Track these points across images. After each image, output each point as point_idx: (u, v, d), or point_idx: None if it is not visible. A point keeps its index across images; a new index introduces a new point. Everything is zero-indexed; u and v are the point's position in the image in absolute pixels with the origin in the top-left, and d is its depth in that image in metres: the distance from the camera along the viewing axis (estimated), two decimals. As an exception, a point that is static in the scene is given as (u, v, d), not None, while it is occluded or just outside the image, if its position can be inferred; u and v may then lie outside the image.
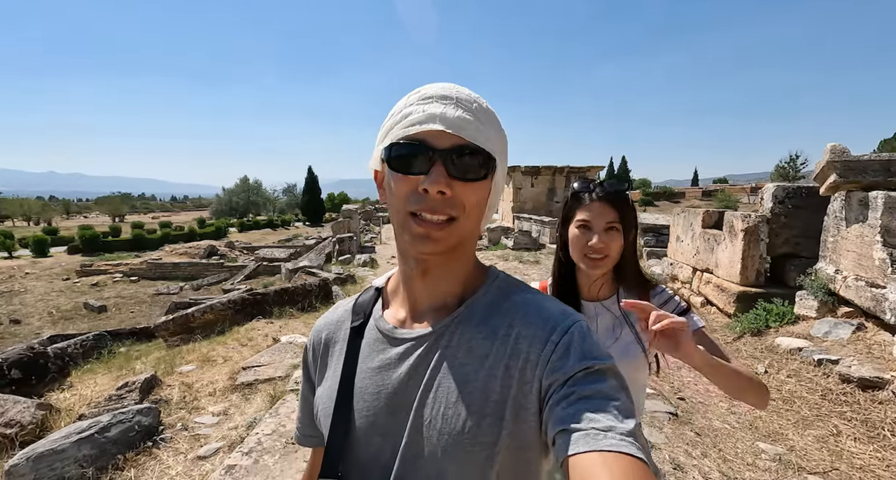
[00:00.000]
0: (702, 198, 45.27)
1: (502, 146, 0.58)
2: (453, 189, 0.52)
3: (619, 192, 1.06)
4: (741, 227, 4.90)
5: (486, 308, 0.59)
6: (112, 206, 72.55)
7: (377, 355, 0.60)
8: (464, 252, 0.60)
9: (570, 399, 0.47)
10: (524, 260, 11.16)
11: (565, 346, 0.52)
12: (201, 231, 36.86)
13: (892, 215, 3.40)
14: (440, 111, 0.52)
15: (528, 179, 19.07)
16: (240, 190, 57.54)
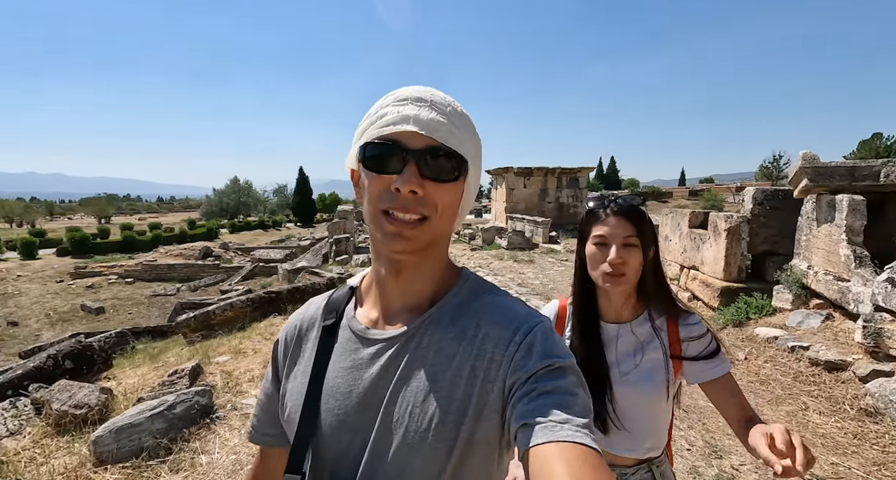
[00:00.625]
0: (689, 198, 45.97)
1: (476, 149, 0.60)
2: (425, 189, 0.54)
3: (635, 207, 1.04)
4: (724, 227, 5.29)
5: (456, 308, 0.60)
6: (98, 208, 71.32)
7: (349, 355, 0.61)
8: (436, 252, 0.61)
9: (532, 395, 0.49)
10: (519, 259, 11.49)
11: (528, 346, 0.54)
12: (192, 232, 36.62)
13: (855, 216, 3.81)
14: (414, 113, 0.53)
15: (520, 180, 19.45)
16: (230, 191, 57.17)
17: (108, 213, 68.72)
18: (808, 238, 4.45)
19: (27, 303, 14.19)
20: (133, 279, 16.99)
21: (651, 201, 46.88)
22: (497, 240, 14.73)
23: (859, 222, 3.80)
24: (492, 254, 12.58)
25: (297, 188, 52.16)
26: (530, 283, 8.35)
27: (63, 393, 2.49)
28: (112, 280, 16.78)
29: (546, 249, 13.02)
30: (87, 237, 28.82)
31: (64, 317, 12.92)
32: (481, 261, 11.51)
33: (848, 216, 3.83)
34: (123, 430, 2.09)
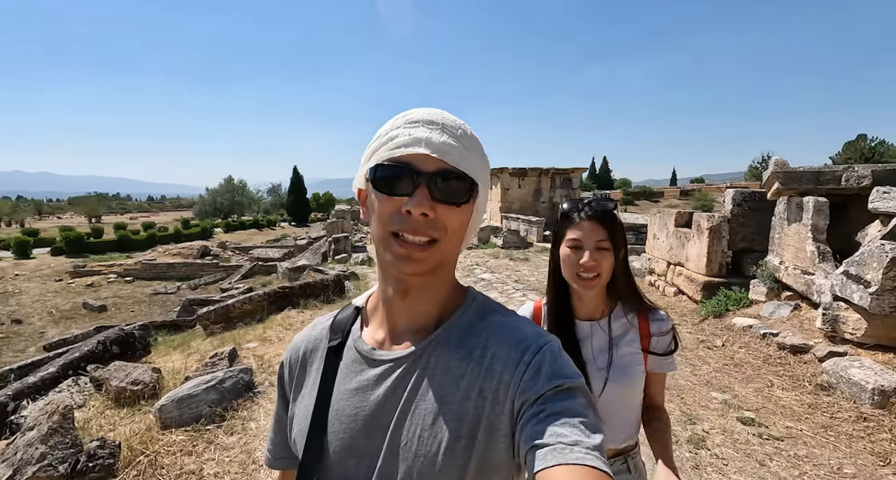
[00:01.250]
0: (680, 198, 46.43)
1: (485, 172, 0.60)
2: (436, 211, 0.54)
3: (608, 211, 1.08)
4: (706, 226, 5.72)
5: (463, 329, 0.60)
6: (88, 207, 70.53)
7: (355, 376, 0.60)
8: (444, 273, 0.61)
9: (540, 416, 0.49)
10: (514, 257, 11.88)
11: (537, 366, 0.53)
12: (187, 232, 36.61)
13: (819, 216, 4.24)
14: (426, 135, 0.54)
15: (515, 180, 19.87)
16: (224, 190, 57.05)
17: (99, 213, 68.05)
18: (780, 236, 4.88)
19: (28, 302, 14.34)
20: (132, 277, 17.16)
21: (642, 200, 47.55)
22: (492, 239, 15.11)
23: (823, 221, 4.23)
24: (488, 253, 12.94)
25: (291, 187, 52.20)
26: (526, 280, 8.75)
27: (120, 372, 2.83)
28: (111, 279, 16.93)
29: (540, 248, 13.42)
30: (82, 236, 28.78)
31: (66, 315, 13.10)
32: (478, 260, 11.86)
33: (813, 216, 4.26)
34: (183, 400, 2.44)
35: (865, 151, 35.41)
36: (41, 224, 58.99)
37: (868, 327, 3.34)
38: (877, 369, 3.06)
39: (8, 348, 10.28)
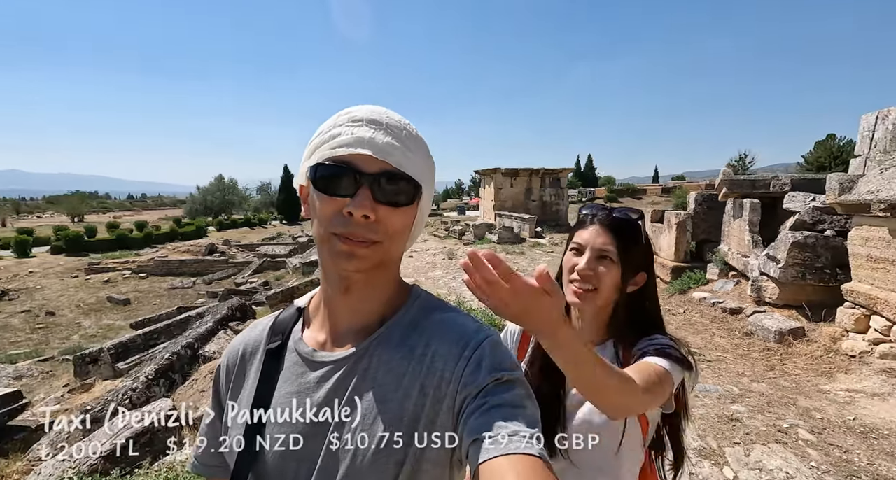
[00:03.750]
0: (661, 195, 48.18)
1: (429, 173, 0.59)
2: (378, 213, 0.53)
3: (624, 220, 0.94)
4: (675, 222, 7.10)
5: (406, 328, 0.60)
6: (70, 206, 69.48)
7: (296, 379, 0.59)
8: (386, 271, 0.61)
9: (482, 409, 0.50)
10: (510, 251, 13.19)
11: (477, 360, 0.54)
12: (182, 230, 37.04)
13: (753, 213, 5.62)
14: (369, 136, 0.53)
15: (507, 180, 21.21)
16: (215, 189, 57.19)
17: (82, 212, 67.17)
18: (728, 229, 6.28)
19: (53, 296, 15.14)
20: (146, 274, 17.99)
21: (626, 198, 49.44)
22: (487, 236, 16.40)
23: (756, 217, 5.62)
24: (485, 248, 14.23)
25: (282, 186, 52.70)
26: (525, 270, 10.07)
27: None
28: (126, 275, 17.75)
29: (533, 243, 14.79)
30: (81, 235, 29.19)
31: (94, 308, 13.98)
32: (478, 253, 13.10)
33: (749, 213, 5.64)
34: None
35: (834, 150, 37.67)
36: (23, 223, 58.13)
37: (780, 292, 4.72)
38: (780, 319, 4.44)
39: (52, 336, 11.20)
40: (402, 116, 0.58)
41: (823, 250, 4.39)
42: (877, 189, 3.33)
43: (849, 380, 3.29)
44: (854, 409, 2.90)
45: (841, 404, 2.98)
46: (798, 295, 4.58)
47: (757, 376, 3.61)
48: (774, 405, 3.01)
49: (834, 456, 2.37)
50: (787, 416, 2.83)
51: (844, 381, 3.29)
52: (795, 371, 3.64)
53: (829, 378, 3.41)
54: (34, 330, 11.68)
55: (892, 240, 3.24)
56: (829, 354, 3.75)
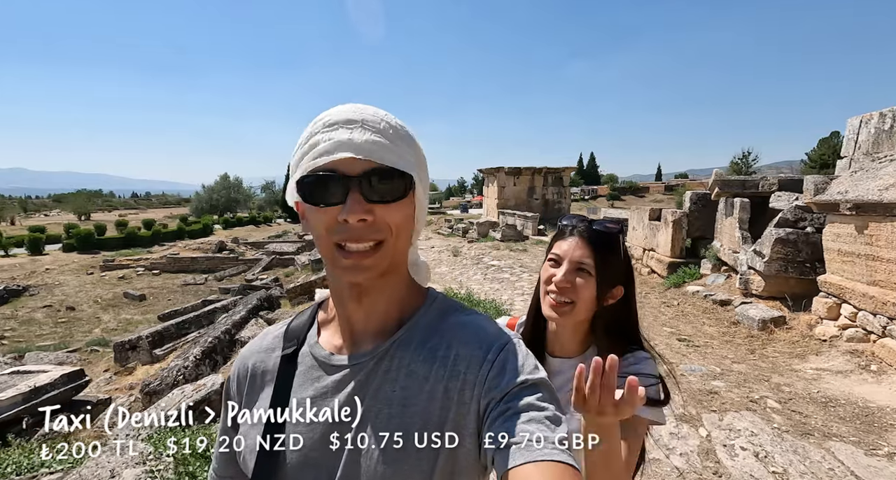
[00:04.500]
0: (664, 193, 48.25)
1: (418, 159, 0.58)
2: (374, 214, 0.52)
3: (603, 233, 0.92)
4: (671, 220, 7.48)
5: (425, 330, 0.59)
6: (76, 204, 70.14)
7: (312, 384, 0.59)
8: (397, 272, 0.60)
9: (507, 414, 0.50)
10: (514, 249, 13.59)
11: (501, 364, 0.54)
12: (189, 228, 37.60)
13: (743, 212, 6.00)
14: (347, 137, 0.51)
15: (510, 179, 21.59)
16: (220, 187, 57.79)
17: (88, 210, 67.86)
18: (720, 226, 6.66)
19: (72, 292, 15.65)
20: (159, 270, 18.51)
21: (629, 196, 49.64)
22: (491, 233, 16.79)
23: (746, 215, 6.00)
24: (489, 246, 14.62)
25: (286, 184, 53.10)
26: (528, 265, 10.47)
27: (283, 315, 4.46)
28: (140, 272, 18.27)
29: (535, 240, 15.18)
30: (92, 233, 29.76)
31: (111, 303, 14.48)
32: (481, 251, 13.54)
33: (739, 212, 6.02)
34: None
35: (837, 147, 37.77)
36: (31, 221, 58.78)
37: (765, 285, 5.11)
38: (764, 309, 4.83)
39: (75, 329, 11.69)
40: (380, 109, 0.57)
41: (804, 246, 4.78)
42: (845, 190, 3.71)
43: (818, 361, 3.68)
44: (819, 384, 3.29)
45: (808, 380, 3.38)
46: (781, 287, 4.97)
47: (738, 358, 4.01)
48: (750, 381, 3.41)
49: (794, 420, 2.78)
50: (760, 390, 3.23)
51: (814, 362, 3.69)
52: (773, 354, 4.03)
53: (802, 359, 3.80)
54: (57, 324, 12.19)
55: (858, 235, 3.63)
56: (804, 339, 4.14)
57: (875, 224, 3.42)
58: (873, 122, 5.50)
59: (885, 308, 3.31)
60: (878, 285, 3.45)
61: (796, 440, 2.53)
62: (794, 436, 2.58)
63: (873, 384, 3.19)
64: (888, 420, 2.73)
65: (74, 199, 71.06)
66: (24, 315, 12.99)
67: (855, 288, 3.68)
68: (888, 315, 3.30)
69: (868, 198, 3.38)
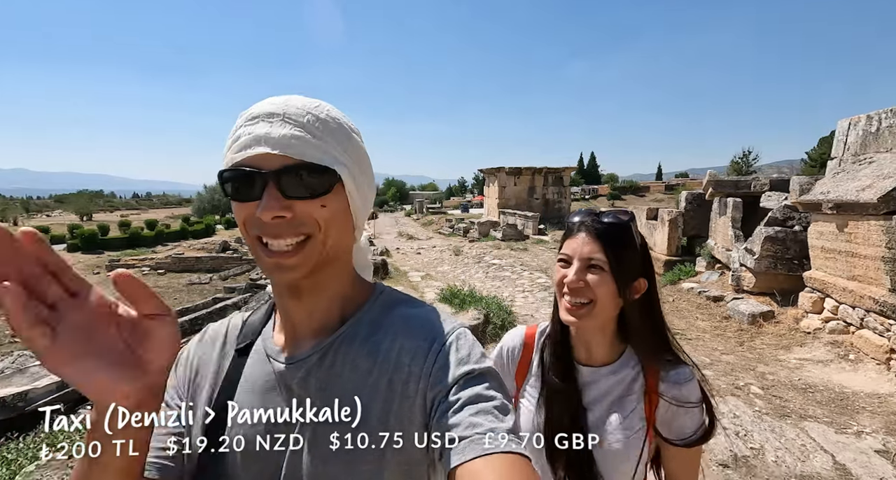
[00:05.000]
0: (665, 192, 48.40)
1: (349, 151, 0.56)
2: (294, 210, 0.51)
3: (612, 225, 0.86)
4: (667, 219, 7.70)
5: (370, 324, 0.59)
6: (79, 205, 70.37)
7: (258, 379, 0.58)
8: (336, 269, 0.58)
9: (454, 407, 0.49)
10: (514, 248, 13.80)
11: (446, 355, 0.54)
12: (192, 229, 37.86)
13: (736, 211, 6.22)
14: (265, 132, 0.50)
15: (511, 179, 21.80)
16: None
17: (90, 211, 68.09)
18: (714, 225, 6.88)
19: (79, 292, 15.90)
20: (164, 270, 18.74)
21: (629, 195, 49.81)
22: (492, 233, 17.00)
23: (738, 214, 6.21)
24: (490, 245, 14.83)
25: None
26: (529, 264, 10.69)
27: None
28: (145, 271, 18.48)
29: (536, 240, 15.39)
30: (96, 234, 30.04)
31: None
32: (482, 251, 13.74)
33: (732, 211, 6.24)
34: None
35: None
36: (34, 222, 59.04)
37: (755, 281, 5.32)
38: (754, 304, 5.05)
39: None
40: (315, 99, 0.55)
41: (792, 243, 4.99)
42: (827, 190, 3.93)
43: (802, 351, 3.90)
44: (801, 373, 3.51)
45: (791, 369, 3.60)
46: (771, 284, 5.19)
47: (728, 350, 4.23)
48: (737, 370, 3.63)
49: (774, 404, 3.00)
50: (745, 378, 3.45)
51: (798, 352, 3.91)
52: (761, 346, 4.25)
53: (787, 350, 4.02)
54: (67, 323, 12.41)
55: (839, 233, 3.84)
56: (791, 332, 4.36)
57: (854, 222, 3.63)
58: (861, 125, 5.71)
59: (863, 301, 3.53)
60: (857, 280, 3.67)
61: (774, 421, 2.75)
62: (773, 418, 2.80)
63: (850, 372, 3.41)
64: (860, 404, 2.95)
65: (76, 200, 71.36)
66: (34, 313, 13.24)
67: (836, 283, 3.89)
68: (865, 308, 3.52)
69: (847, 198, 3.59)
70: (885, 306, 3.27)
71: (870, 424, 2.68)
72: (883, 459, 2.32)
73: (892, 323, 3.22)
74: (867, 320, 3.52)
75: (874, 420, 2.72)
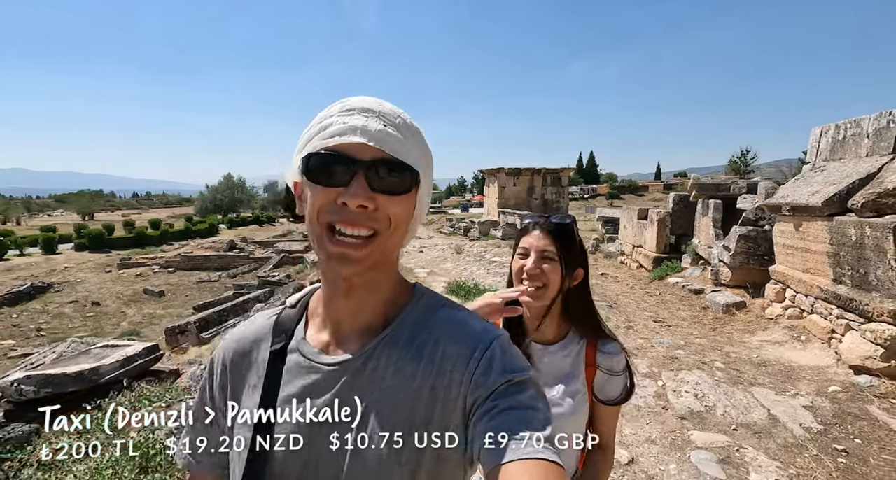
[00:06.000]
0: (664, 191, 48.87)
1: (426, 162, 0.58)
2: (376, 202, 0.52)
3: (561, 226, 1.07)
4: (656, 219, 8.27)
5: (413, 327, 0.60)
6: (80, 204, 70.68)
7: (300, 381, 0.59)
8: (387, 270, 0.60)
9: (493, 412, 0.50)
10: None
11: (488, 362, 0.55)
12: (195, 228, 38.36)
13: (717, 211, 6.80)
14: (362, 123, 0.52)
15: (511, 179, 22.36)
16: (224, 187, 58.63)
17: (92, 210, 68.39)
18: (699, 224, 7.46)
19: (94, 289, 16.45)
20: (174, 268, 19.31)
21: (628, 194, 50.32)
22: (492, 232, 17.58)
23: (718, 215, 6.79)
24: (490, 243, 15.39)
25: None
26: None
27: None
28: (155, 269, 19.06)
29: (535, 238, 15.92)
30: (103, 233, 30.56)
31: (133, 299, 15.28)
32: (483, 249, 14.30)
33: (713, 211, 6.82)
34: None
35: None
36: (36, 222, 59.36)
37: (731, 275, 5.90)
38: (729, 296, 5.62)
39: (104, 322, 12.49)
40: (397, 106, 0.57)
41: (762, 241, 5.57)
42: (787, 194, 4.50)
43: (763, 335, 4.48)
44: (759, 352, 4.09)
45: (752, 349, 4.18)
46: (745, 277, 5.77)
47: (701, 335, 4.81)
48: (706, 350, 4.21)
49: (732, 375, 3.57)
50: (712, 356, 4.03)
51: (760, 335, 4.48)
52: (731, 331, 4.83)
53: (751, 334, 4.60)
54: (86, 318, 12.99)
55: (795, 232, 4.41)
56: (757, 319, 4.94)
57: (806, 222, 4.21)
58: (830, 133, 6.28)
59: (813, 290, 4.10)
60: (809, 272, 4.24)
61: (728, 387, 3.33)
62: (728, 385, 3.37)
63: (800, 350, 3.99)
64: (802, 374, 3.53)
65: (77, 199, 71.70)
66: (54, 309, 13.78)
67: (794, 276, 4.47)
68: (815, 296, 4.09)
69: (800, 202, 4.16)
70: (828, 294, 3.84)
71: (805, 388, 3.25)
72: (808, 411, 2.90)
73: (833, 309, 3.80)
74: (816, 306, 4.10)
75: (809, 386, 3.30)
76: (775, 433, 2.68)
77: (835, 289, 3.76)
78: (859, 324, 3.43)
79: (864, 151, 4.46)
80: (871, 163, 3.85)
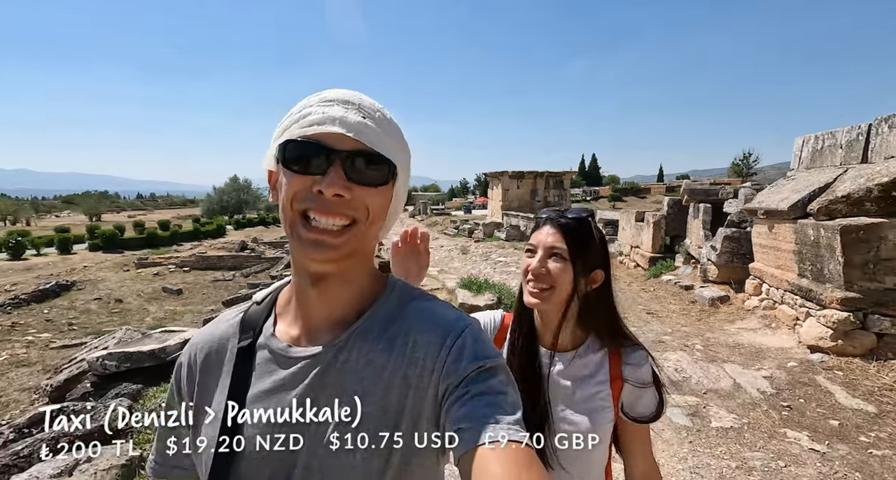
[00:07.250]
0: (666, 193, 49.47)
1: (404, 157, 0.59)
2: (352, 192, 0.53)
3: (574, 220, 0.96)
4: (651, 221, 8.88)
5: (385, 319, 0.60)
6: (87, 206, 71.55)
7: (269, 377, 0.58)
8: (361, 261, 0.60)
9: (464, 398, 0.51)
10: (518, 247, 14.95)
11: (459, 350, 0.55)
12: (204, 229, 39.13)
13: (706, 214, 7.40)
14: (341, 114, 0.52)
15: (514, 182, 23.00)
16: (230, 189, 59.51)
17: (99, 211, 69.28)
18: (690, 227, 8.07)
19: (115, 287, 17.14)
20: (189, 268, 19.99)
21: (630, 197, 50.90)
22: (496, 233, 18.18)
23: (708, 218, 7.40)
24: (494, 245, 16.01)
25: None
26: (531, 261, 11.89)
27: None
28: (172, 269, 19.75)
29: (538, 239, 16.52)
30: (115, 234, 31.35)
31: (153, 297, 15.94)
32: (488, 250, 14.92)
33: (703, 215, 7.42)
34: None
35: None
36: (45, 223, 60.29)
37: (718, 272, 6.51)
38: (715, 291, 6.23)
39: (129, 318, 13.15)
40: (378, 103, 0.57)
41: (745, 241, 6.17)
42: (762, 200, 5.11)
43: (741, 323, 5.09)
44: (736, 338, 4.70)
45: (730, 335, 4.79)
46: (729, 274, 6.37)
47: (687, 324, 5.42)
48: (690, 336, 4.82)
49: (709, 355, 4.19)
50: (694, 340, 4.64)
51: (738, 324, 5.09)
52: (714, 321, 5.45)
53: (731, 323, 5.21)
54: (112, 314, 13.64)
55: (769, 233, 5.02)
56: (738, 310, 5.55)
57: (777, 225, 4.81)
58: (811, 143, 6.89)
59: (782, 284, 4.71)
60: (780, 268, 4.85)
61: (704, 363, 3.95)
62: (704, 362, 3.99)
63: (770, 336, 4.59)
64: (769, 354, 4.14)
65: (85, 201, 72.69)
66: (81, 306, 14.44)
67: (768, 271, 5.07)
68: (784, 289, 4.70)
69: (772, 207, 4.77)
70: (794, 286, 4.45)
71: (768, 364, 3.87)
72: (766, 381, 3.51)
73: (798, 299, 4.41)
74: (785, 297, 4.70)
75: (772, 363, 3.91)
76: (737, 396, 3.30)
77: (798, 282, 4.37)
78: (816, 311, 4.04)
79: (839, 160, 5.06)
80: (829, 173, 4.46)
